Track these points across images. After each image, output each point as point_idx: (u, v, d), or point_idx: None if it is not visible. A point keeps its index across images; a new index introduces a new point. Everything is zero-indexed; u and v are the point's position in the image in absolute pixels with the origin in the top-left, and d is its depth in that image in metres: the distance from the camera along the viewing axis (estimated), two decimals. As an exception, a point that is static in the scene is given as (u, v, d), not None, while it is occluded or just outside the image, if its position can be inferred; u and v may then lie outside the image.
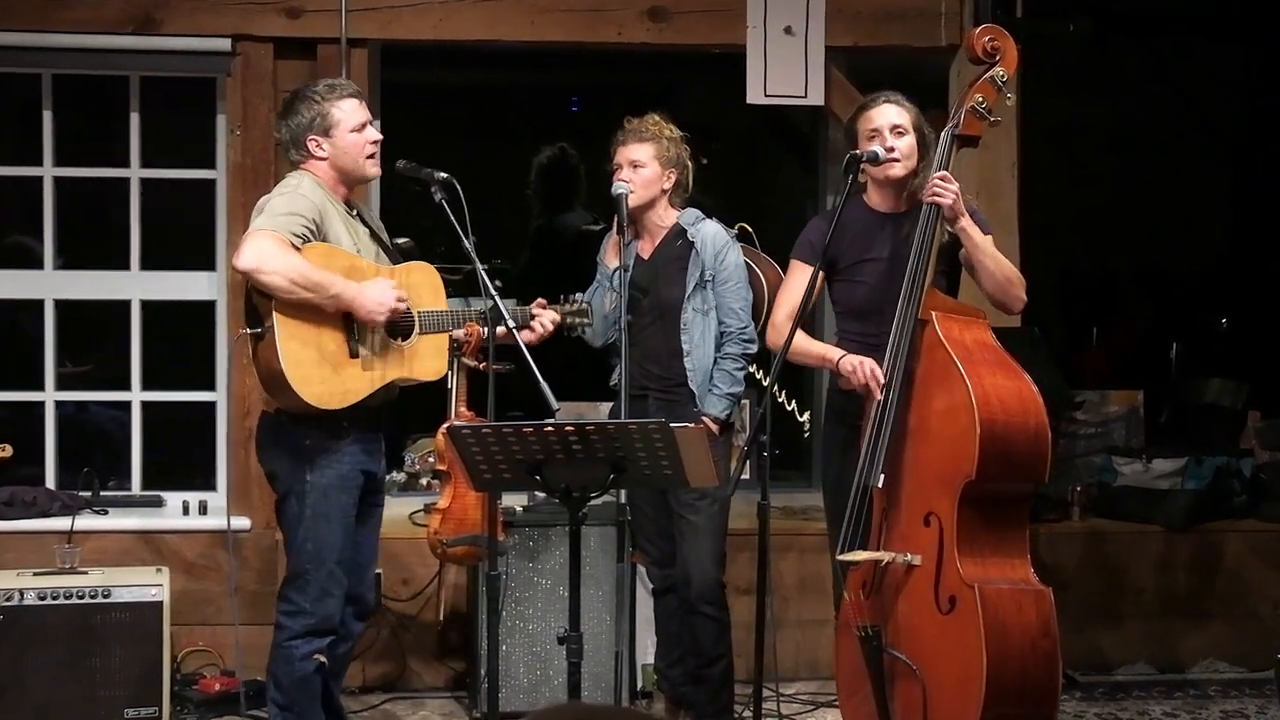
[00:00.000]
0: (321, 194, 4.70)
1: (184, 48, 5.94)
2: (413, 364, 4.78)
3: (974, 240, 4.67)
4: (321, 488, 4.71)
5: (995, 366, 4.52)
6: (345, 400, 4.64)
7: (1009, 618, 4.41)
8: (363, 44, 6.02)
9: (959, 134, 4.69)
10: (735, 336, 5.22)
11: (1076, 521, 6.43)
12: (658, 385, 5.24)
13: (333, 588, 4.76)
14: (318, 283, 4.53)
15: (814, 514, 6.36)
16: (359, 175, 4.83)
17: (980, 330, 4.61)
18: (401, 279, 4.76)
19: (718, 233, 5.25)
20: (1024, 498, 4.58)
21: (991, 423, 4.41)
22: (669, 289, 5.23)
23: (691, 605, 5.24)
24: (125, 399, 6.22)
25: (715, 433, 5.12)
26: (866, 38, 6.20)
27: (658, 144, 5.21)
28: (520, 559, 5.61)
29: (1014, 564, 4.51)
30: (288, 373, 4.52)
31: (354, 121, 4.76)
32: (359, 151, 4.77)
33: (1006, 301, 4.78)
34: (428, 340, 4.79)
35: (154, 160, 6.15)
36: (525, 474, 4.12)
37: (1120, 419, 6.88)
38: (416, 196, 4.98)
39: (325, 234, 4.65)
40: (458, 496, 4.97)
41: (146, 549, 5.92)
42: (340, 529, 4.74)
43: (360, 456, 4.77)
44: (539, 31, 6.07)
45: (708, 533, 5.20)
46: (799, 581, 6.11)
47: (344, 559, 4.77)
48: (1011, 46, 4.72)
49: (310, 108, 4.74)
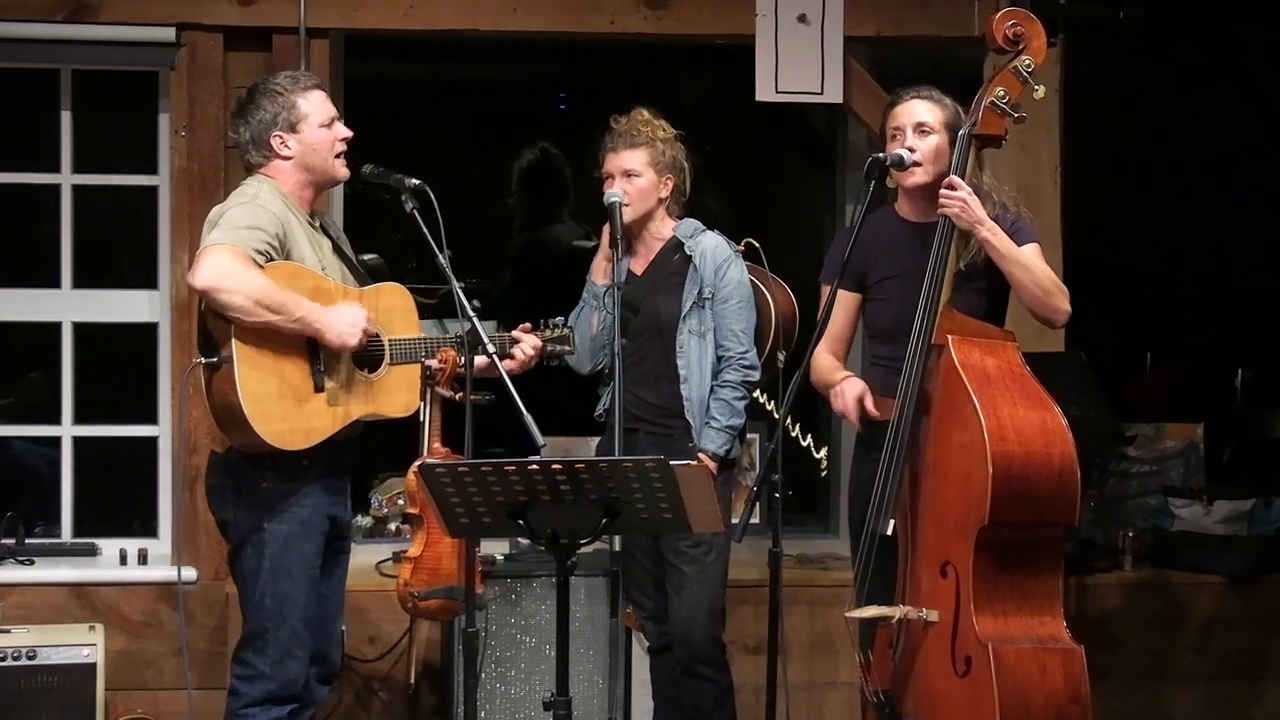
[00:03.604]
0: (283, 204, 4.74)
1: (122, 38, 5.97)
2: (381, 399, 4.82)
3: (998, 250, 4.71)
4: (282, 536, 4.72)
5: (1018, 395, 4.53)
6: (309, 440, 4.67)
7: (1030, 681, 4.41)
8: (324, 34, 6.06)
9: (977, 133, 4.74)
10: (735, 362, 5.25)
11: (1128, 571, 6.45)
12: (650, 416, 5.28)
13: (295, 649, 4.76)
14: (282, 304, 4.55)
15: (831, 563, 6.40)
16: (328, 176, 4.87)
17: (1006, 355, 4.63)
18: (371, 302, 4.79)
19: (719, 245, 5.30)
20: (1052, 544, 4.58)
21: (1007, 459, 4.42)
22: (664, 308, 5.27)
23: (687, 666, 5.27)
24: (54, 434, 6.25)
25: (713, 471, 5.14)
26: (890, 27, 6.25)
27: (651, 149, 5.27)
28: (501, 613, 5.63)
29: (1042, 620, 4.52)
30: (247, 408, 4.54)
31: (322, 115, 4.80)
32: (328, 149, 4.81)
33: (1046, 314, 4.81)
34: (398, 372, 4.83)
35: (88, 165, 6.18)
36: (507, 518, 4.13)
37: (1178, 456, 6.90)
38: (385, 206, 5.02)
39: (289, 250, 4.68)
40: (431, 543, 4.99)
41: (78, 604, 5.95)
42: (304, 582, 4.75)
43: (324, 500, 4.80)
44: (522, 20, 6.13)
45: (704, 585, 5.23)
46: (811, 639, 6.13)
47: (309, 616, 4.78)
48: (1039, 32, 4.73)
49: (274, 101, 4.78)
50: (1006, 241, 4.73)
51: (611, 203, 5.21)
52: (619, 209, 5.21)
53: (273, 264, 4.59)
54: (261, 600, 4.74)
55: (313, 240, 4.79)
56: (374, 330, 4.72)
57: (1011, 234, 4.77)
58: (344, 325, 4.64)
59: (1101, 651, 6.21)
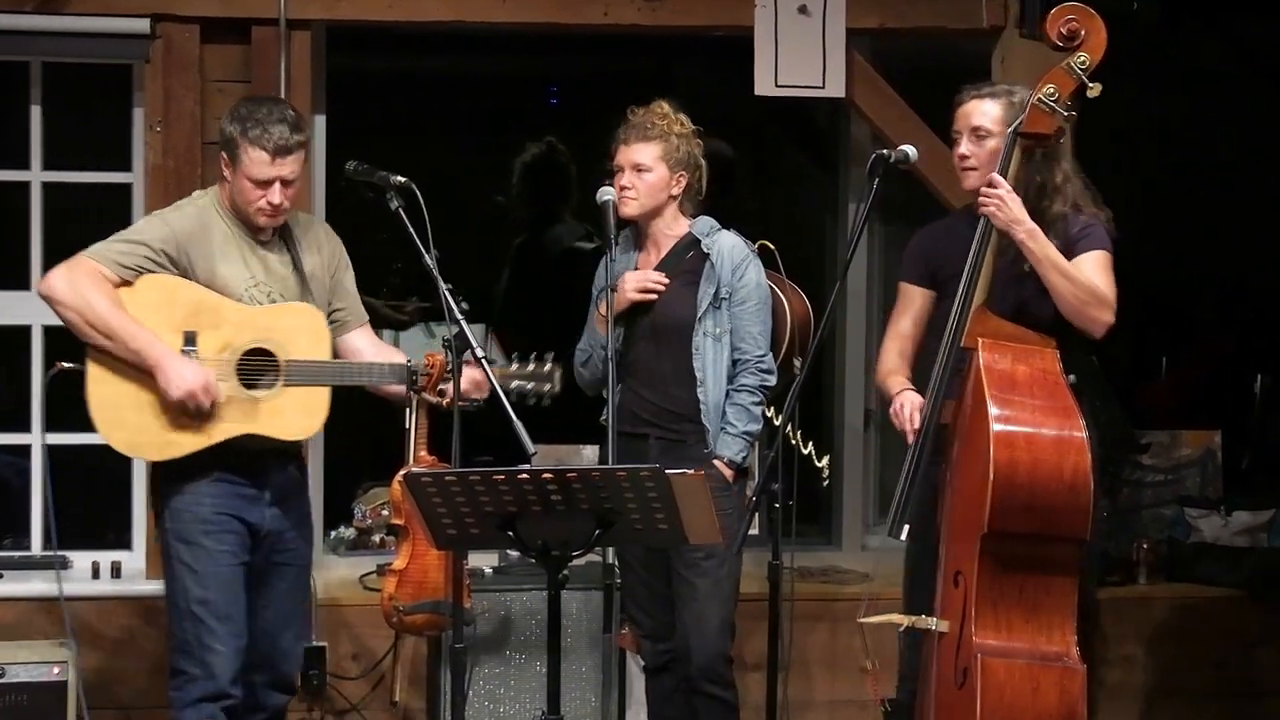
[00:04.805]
0: (209, 218, 4.87)
1: (95, 29, 5.97)
2: (265, 419, 4.86)
3: (1035, 255, 4.69)
4: (179, 534, 4.87)
5: (1042, 403, 4.53)
6: (165, 452, 4.82)
7: (1019, 699, 4.40)
8: (305, 25, 6.06)
9: (1023, 132, 4.72)
10: (752, 366, 5.24)
11: (1142, 584, 6.46)
12: (661, 421, 5.25)
13: (215, 644, 4.85)
14: (115, 331, 4.73)
15: (836, 576, 6.39)
16: (248, 221, 4.92)
17: (1041, 361, 4.62)
18: (272, 320, 4.85)
19: (736, 245, 5.28)
20: (1065, 558, 4.56)
21: (1011, 466, 4.42)
22: (677, 308, 5.24)
23: (694, 684, 5.24)
24: (24, 442, 6.25)
25: (729, 479, 5.15)
26: (895, 19, 6.26)
27: (665, 143, 5.24)
28: (489, 629, 5.63)
29: (1050, 636, 4.50)
30: (94, 415, 4.79)
31: (257, 176, 4.83)
32: (249, 203, 4.86)
33: (1084, 324, 4.76)
34: (297, 394, 4.87)
35: (59, 162, 6.18)
36: (496, 529, 4.14)
37: (1194, 464, 6.90)
38: (369, 204, 5.02)
39: (192, 264, 4.82)
40: (416, 556, 4.99)
41: (48, 619, 5.92)
42: (211, 581, 4.84)
43: (229, 501, 4.88)
44: (512, 12, 6.13)
45: (715, 598, 5.21)
46: (829, 656, 6.13)
47: (224, 614, 4.85)
48: (1097, 28, 4.71)
49: (230, 125, 4.87)
50: (1043, 245, 4.69)
51: (604, 201, 5.20)
52: (612, 207, 5.19)
53: (148, 277, 4.79)
54: (176, 601, 4.90)
55: (248, 255, 4.88)
56: (209, 398, 4.76)
57: (1078, 238, 4.76)
58: (176, 378, 4.74)
59: (1115, 668, 6.22)
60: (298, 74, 6.02)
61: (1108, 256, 4.82)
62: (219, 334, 4.82)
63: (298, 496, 5.08)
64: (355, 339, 5.10)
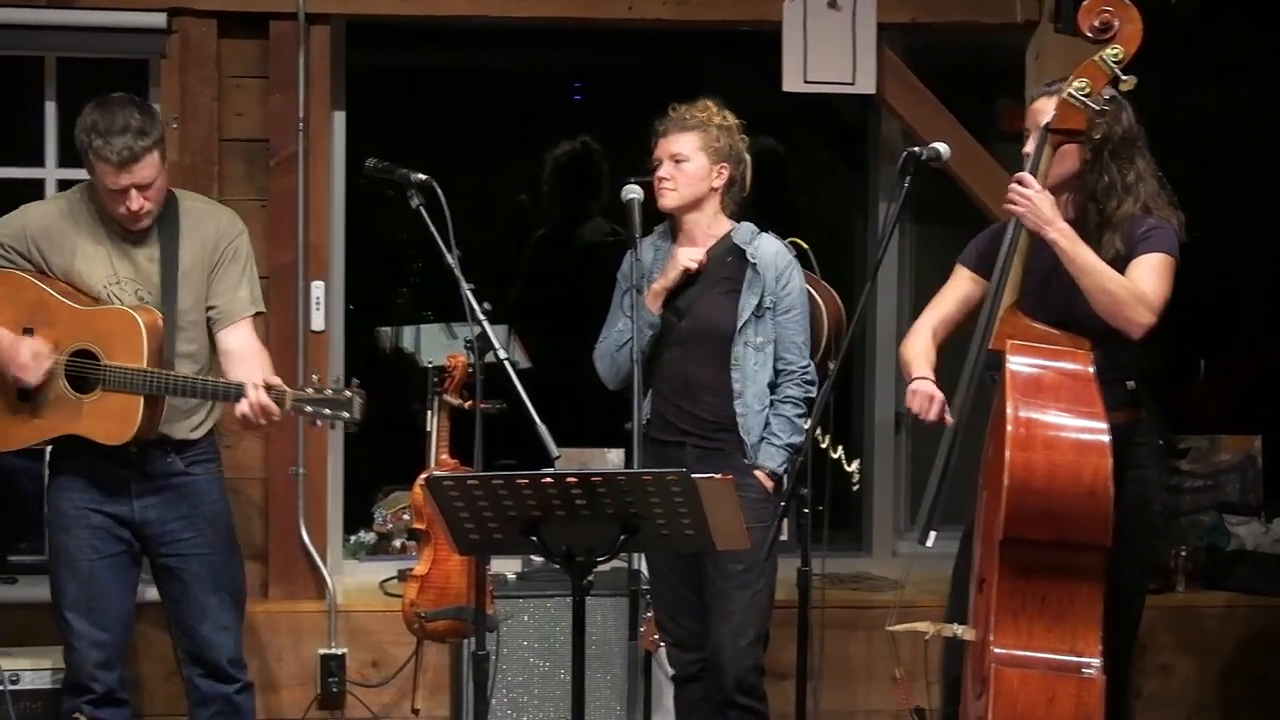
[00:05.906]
0: (76, 214, 5.00)
1: (110, 24, 6.02)
2: (86, 422, 4.97)
3: (1066, 255, 4.66)
4: (48, 527, 5.16)
5: (1068, 407, 4.51)
6: (3, 444, 5.06)
7: (1034, 709, 4.39)
8: (324, 20, 6.11)
9: (1053, 128, 4.70)
10: (798, 377, 5.24)
11: (1180, 593, 6.46)
12: (698, 429, 5.24)
13: (71, 639, 5.07)
14: None
15: (866, 583, 6.42)
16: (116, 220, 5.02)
17: (1073, 362, 4.59)
18: (98, 323, 4.94)
19: (780, 251, 5.27)
20: (1088, 566, 4.51)
21: (1027, 469, 4.41)
22: (716, 314, 5.23)
23: (727, 696, 5.23)
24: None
25: (769, 490, 5.16)
26: (926, 13, 6.28)
27: (705, 133, 5.23)
28: (513, 635, 5.66)
29: (1074, 645, 4.47)
30: None
31: (109, 186, 4.92)
32: (111, 210, 4.97)
33: (1120, 324, 4.69)
34: (115, 400, 4.93)
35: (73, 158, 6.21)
36: (519, 534, 4.14)
37: (1234, 469, 6.89)
38: (389, 202, 5.04)
39: (46, 259, 4.98)
40: (438, 561, 5.03)
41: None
42: (69, 575, 5.05)
43: (91, 496, 5.04)
44: (533, 7, 6.16)
45: (752, 609, 5.20)
46: (860, 665, 6.16)
47: (88, 609, 5.03)
48: (1133, 18, 4.67)
49: (79, 134, 4.95)
50: (1076, 247, 4.65)
51: (629, 199, 5.16)
52: (635, 206, 5.16)
53: None
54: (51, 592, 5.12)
55: (112, 250, 4.99)
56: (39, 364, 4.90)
57: (1141, 239, 4.71)
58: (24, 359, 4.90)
59: (1152, 679, 6.24)
60: (317, 69, 6.07)
61: (1166, 260, 4.75)
62: (52, 333, 4.96)
63: (185, 486, 5.11)
64: (225, 338, 5.09)
